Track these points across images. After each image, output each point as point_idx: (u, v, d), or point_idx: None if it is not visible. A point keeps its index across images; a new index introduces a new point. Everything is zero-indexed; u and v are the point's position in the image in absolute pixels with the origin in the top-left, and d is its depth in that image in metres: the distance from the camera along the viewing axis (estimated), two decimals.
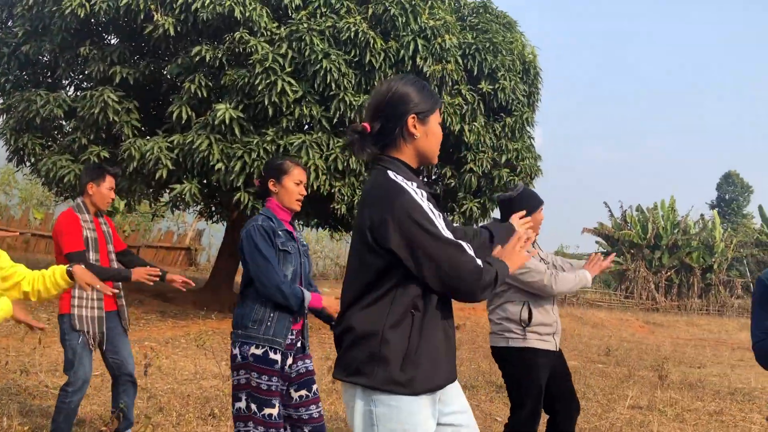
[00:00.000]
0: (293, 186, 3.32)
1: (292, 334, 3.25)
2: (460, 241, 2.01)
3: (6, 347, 6.90)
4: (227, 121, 9.14)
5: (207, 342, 7.71)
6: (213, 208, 13.51)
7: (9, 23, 11.40)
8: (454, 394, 2.16)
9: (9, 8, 11.11)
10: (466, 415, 2.16)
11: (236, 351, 3.18)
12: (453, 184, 10.86)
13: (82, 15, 9.46)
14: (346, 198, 9.73)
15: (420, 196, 2.03)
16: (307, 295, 3.19)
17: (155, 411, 5.08)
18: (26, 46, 10.52)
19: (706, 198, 49.64)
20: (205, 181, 10.11)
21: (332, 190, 9.67)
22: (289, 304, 3.13)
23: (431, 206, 2.05)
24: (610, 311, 21.91)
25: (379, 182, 2.10)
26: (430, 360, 2.01)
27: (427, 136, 2.15)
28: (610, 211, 30.46)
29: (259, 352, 3.12)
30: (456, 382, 2.18)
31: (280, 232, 3.26)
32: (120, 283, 4.06)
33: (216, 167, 9.23)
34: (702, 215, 31.29)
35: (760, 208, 31.57)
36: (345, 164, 9.49)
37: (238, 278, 16.18)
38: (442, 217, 2.09)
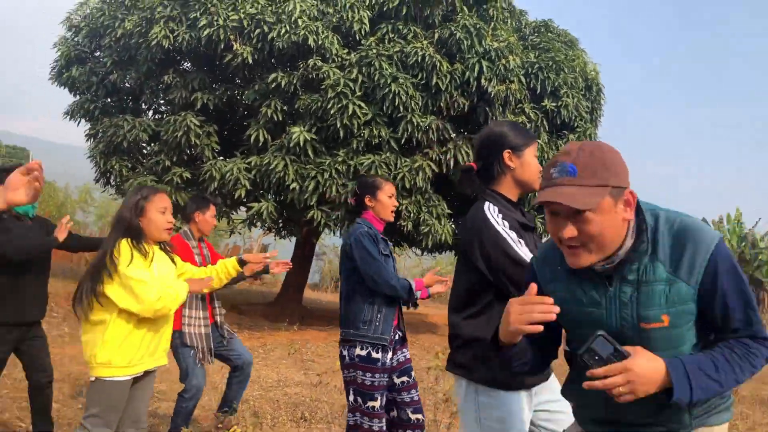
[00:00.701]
0: (387, 199, 3.76)
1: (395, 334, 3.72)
2: None
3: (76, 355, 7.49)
4: (301, 143, 9.66)
5: (296, 351, 8.17)
6: (281, 224, 14.10)
7: (97, 53, 12.28)
8: (549, 387, 2.50)
9: (98, 40, 11.98)
10: (559, 403, 2.48)
11: (345, 352, 3.64)
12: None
13: (166, 45, 10.18)
14: (412, 215, 10.10)
15: (502, 226, 2.38)
16: (412, 282, 3.64)
17: (250, 414, 5.52)
18: (113, 75, 11.34)
19: None
20: (279, 199, 10.65)
21: (399, 208, 10.05)
22: (400, 294, 3.58)
23: (513, 234, 2.40)
24: None
25: (474, 212, 2.49)
26: None
27: (523, 166, 2.52)
28: None
29: (363, 353, 3.57)
30: (552, 375, 2.52)
31: (379, 239, 3.69)
32: (217, 301, 4.59)
33: (291, 187, 9.75)
34: None
35: None
36: (412, 183, 9.87)
37: (308, 292, 16.71)
38: (524, 243, 2.42)
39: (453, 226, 10.98)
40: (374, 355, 3.56)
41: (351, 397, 3.63)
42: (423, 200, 10.32)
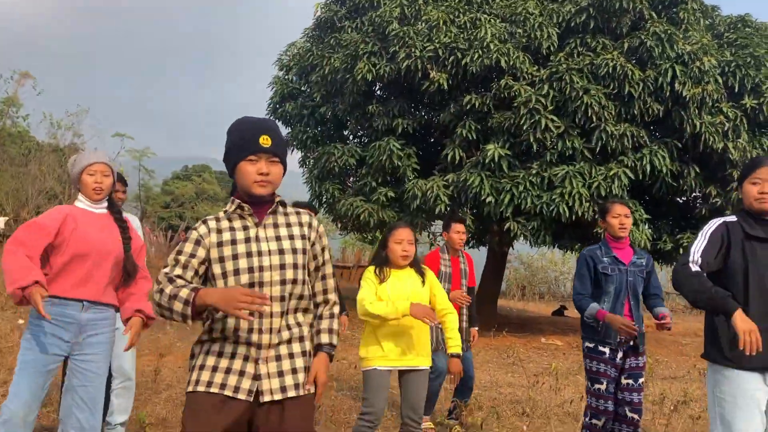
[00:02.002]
0: (613, 220, 4.31)
1: (621, 339, 4.25)
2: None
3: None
4: (496, 159, 10.27)
5: (515, 355, 8.79)
6: (473, 234, 14.80)
7: (305, 88, 13.85)
8: None
9: (306, 77, 13.53)
10: None
11: (584, 345, 4.38)
12: (719, 203, 10.83)
13: (369, 78, 11.31)
14: None
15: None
16: (590, 308, 4.20)
17: (476, 409, 6.19)
18: (323, 108, 12.76)
19: None
20: (475, 212, 11.34)
21: (595, 216, 10.29)
22: (578, 310, 4.33)
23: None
24: None
25: None
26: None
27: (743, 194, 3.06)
28: None
29: (591, 345, 4.33)
30: None
31: (604, 258, 4.24)
32: None
33: (487, 200, 10.38)
34: None
35: None
36: (607, 190, 10.07)
37: (501, 300, 17.17)
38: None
39: (650, 230, 10.98)
40: (600, 348, 4.27)
41: (586, 382, 4.38)
42: None
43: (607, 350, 4.21)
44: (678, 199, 12.15)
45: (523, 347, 10.94)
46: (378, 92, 12.65)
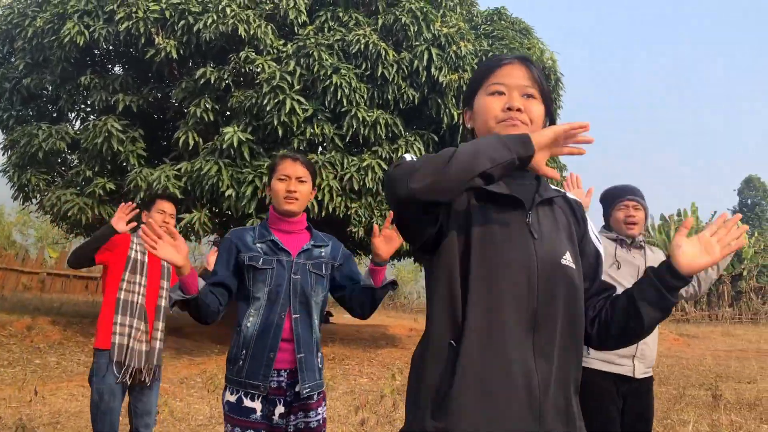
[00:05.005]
0: (278, 183, 2.60)
1: (280, 375, 2.50)
2: None
3: (6, 398, 6.40)
4: (236, 145, 8.70)
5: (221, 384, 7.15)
6: (217, 236, 13.09)
7: (11, 58, 11.12)
8: None
9: (10, 42, 10.83)
10: None
11: (223, 398, 2.57)
12: None
13: (81, 43, 9.13)
14: (363, 220, 9.22)
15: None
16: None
17: None
18: (27, 80, 10.21)
19: (728, 204, 48.61)
20: (215, 209, 9.65)
21: (348, 212, 9.16)
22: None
23: None
24: None
25: None
26: None
27: (475, 119, 1.56)
28: None
29: (233, 398, 2.49)
30: None
31: (258, 245, 2.55)
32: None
33: (226, 194, 8.78)
34: None
35: None
36: (361, 184, 8.99)
37: None
38: None
39: None
40: (246, 403, 2.47)
41: None
42: (375, 203, 9.45)
43: (257, 405, 2.45)
44: None
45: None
46: (96, 62, 10.40)
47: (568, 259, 1.45)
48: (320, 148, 9.38)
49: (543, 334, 1.38)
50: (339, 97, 8.70)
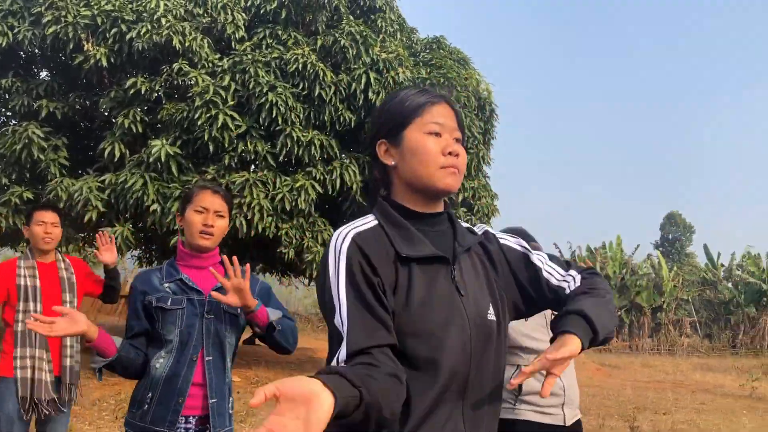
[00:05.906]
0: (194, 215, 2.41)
1: (188, 422, 2.33)
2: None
3: None
4: (163, 158, 8.43)
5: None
6: (153, 254, 12.65)
7: None
8: None
9: None
10: None
11: None
12: None
13: (4, 44, 8.72)
14: (294, 241, 9.07)
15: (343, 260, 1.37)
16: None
17: None
18: None
19: (651, 238, 50.64)
20: (140, 224, 9.31)
21: (278, 233, 9.00)
22: None
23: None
24: None
25: None
26: None
27: (405, 157, 1.44)
28: (559, 251, 30.46)
29: None
30: None
31: (166, 285, 2.37)
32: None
33: (151, 208, 8.48)
34: (649, 255, 31.68)
35: (706, 247, 32.17)
36: (293, 204, 8.85)
37: None
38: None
39: None
40: None
41: None
42: (307, 224, 9.32)
43: None
44: None
45: None
46: (21, 65, 9.95)
47: (491, 314, 1.37)
48: (252, 166, 9.19)
49: (472, 399, 1.30)
50: (274, 115, 8.57)
